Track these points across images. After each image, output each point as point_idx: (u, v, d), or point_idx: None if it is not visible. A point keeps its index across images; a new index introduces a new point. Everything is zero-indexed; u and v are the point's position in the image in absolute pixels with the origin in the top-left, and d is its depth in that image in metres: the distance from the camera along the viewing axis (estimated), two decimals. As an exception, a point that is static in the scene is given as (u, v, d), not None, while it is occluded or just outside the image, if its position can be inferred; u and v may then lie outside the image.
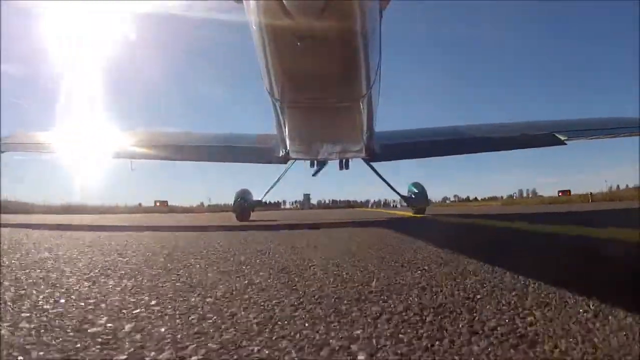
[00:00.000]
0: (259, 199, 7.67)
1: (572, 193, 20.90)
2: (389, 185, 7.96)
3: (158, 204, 20.01)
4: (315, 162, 7.41)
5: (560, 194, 20.87)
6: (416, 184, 8.14)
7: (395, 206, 36.50)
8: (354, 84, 3.33)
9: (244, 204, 7.25)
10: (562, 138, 6.27)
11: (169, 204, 25.15)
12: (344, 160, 7.33)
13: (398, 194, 8.19)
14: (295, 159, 7.05)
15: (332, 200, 43.69)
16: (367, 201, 45.68)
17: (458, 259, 1.59)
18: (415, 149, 7.14)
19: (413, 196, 8.02)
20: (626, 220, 4.71)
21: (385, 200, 43.15)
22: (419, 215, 7.48)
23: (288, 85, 3.38)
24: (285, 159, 6.72)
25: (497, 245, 2.36)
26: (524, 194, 41.49)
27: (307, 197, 40.87)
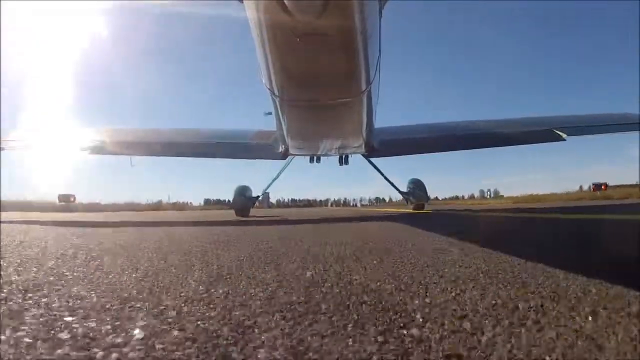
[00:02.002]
0: (258, 194, 7.72)
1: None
2: (388, 180, 7.99)
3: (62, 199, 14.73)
4: (315, 158, 7.44)
5: (593, 189, 16.93)
6: (415, 180, 8.16)
7: (355, 205, 36.27)
8: (354, 81, 3.36)
9: (244, 200, 7.28)
10: (562, 134, 6.29)
11: (136, 202, 21.38)
12: (343, 156, 7.36)
13: (397, 190, 8.21)
14: (295, 155, 7.07)
15: (292, 199, 43.10)
16: (327, 200, 45.38)
17: None
18: (415, 144, 7.15)
19: (412, 192, 8.04)
20: None
21: (345, 199, 42.60)
22: (420, 212, 7.52)
23: (288, 82, 3.40)
24: (284, 155, 6.74)
25: None
26: (485, 195, 41.34)
27: (266, 195, 39.61)
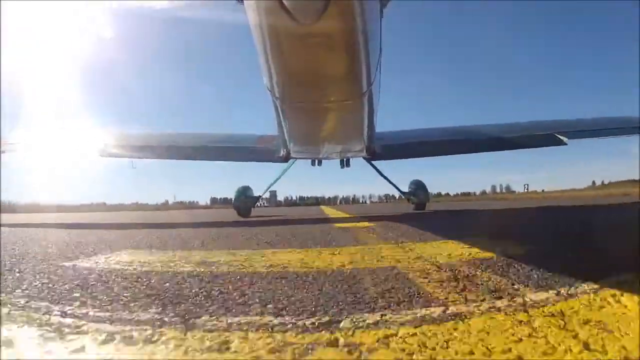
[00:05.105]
0: (260, 194, 7.74)
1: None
2: (390, 182, 8.00)
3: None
4: (317, 161, 7.44)
5: None
6: (417, 181, 8.19)
7: (365, 202, 35.90)
8: (354, 82, 3.34)
9: (245, 200, 7.31)
10: (563, 138, 6.26)
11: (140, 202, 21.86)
12: (344, 159, 7.36)
13: (399, 190, 8.23)
14: (297, 159, 7.08)
15: (300, 196, 42.71)
16: (336, 197, 44.87)
17: None
18: (417, 148, 7.17)
19: (413, 192, 8.05)
20: None
21: (354, 196, 42.45)
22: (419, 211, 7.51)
23: (287, 83, 3.39)
24: (286, 159, 6.75)
25: None
26: (497, 190, 40.86)
27: (273, 193, 39.03)
